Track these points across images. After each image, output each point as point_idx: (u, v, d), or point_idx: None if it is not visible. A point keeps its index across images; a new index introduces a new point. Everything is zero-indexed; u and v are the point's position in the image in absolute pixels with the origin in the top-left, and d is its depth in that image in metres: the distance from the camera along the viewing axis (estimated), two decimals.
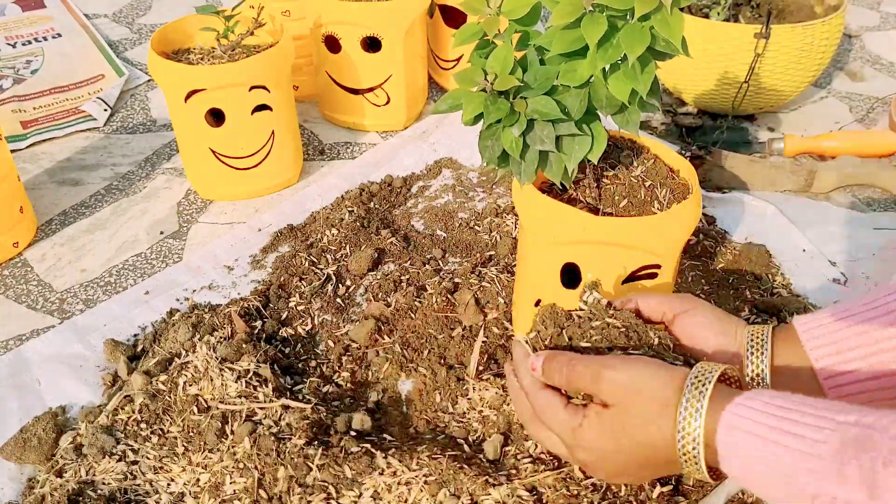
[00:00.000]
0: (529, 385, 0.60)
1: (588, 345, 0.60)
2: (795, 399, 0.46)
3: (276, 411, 0.78)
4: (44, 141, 1.27)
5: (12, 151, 1.23)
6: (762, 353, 0.59)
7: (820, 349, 0.57)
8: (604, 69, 0.63)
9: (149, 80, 1.44)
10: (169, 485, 0.73)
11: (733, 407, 0.48)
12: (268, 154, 1.11)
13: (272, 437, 0.75)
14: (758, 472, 0.46)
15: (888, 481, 0.39)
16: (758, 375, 0.59)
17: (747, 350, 0.60)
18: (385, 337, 0.89)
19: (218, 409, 0.78)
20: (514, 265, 0.98)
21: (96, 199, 1.15)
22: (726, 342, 0.61)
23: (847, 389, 0.56)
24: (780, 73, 1.18)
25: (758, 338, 0.60)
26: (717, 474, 0.52)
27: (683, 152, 1.10)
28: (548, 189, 0.76)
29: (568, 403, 0.57)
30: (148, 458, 0.75)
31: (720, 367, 0.52)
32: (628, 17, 0.60)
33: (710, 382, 0.51)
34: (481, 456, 0.76)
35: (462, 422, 0.80)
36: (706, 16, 1.24)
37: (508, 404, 0.79)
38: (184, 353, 0.85)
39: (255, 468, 0.73)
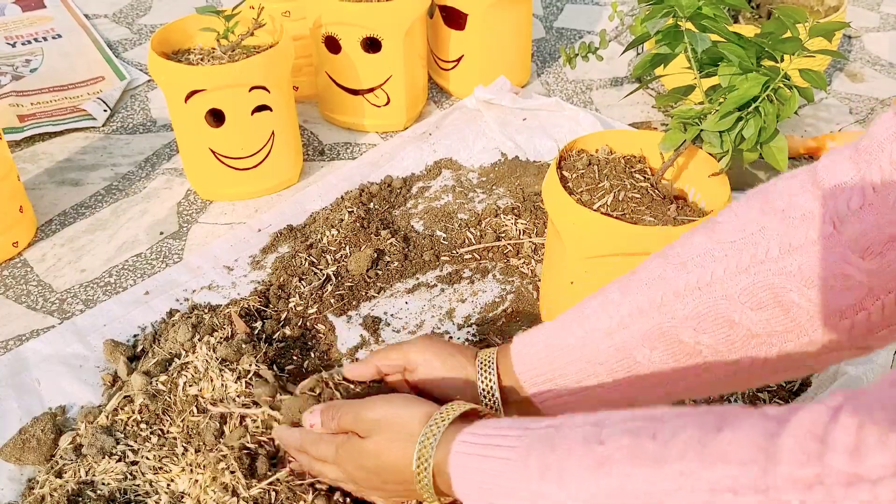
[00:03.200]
0: (303, 436, 0.68)
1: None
2: (508, 421, 0.53)
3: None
4: (41, 138, 1.27)
5: (9, 144, 1.22)
6: (489, 373, 0.67)
7: (532, 378, 0.65)
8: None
9: (149, 81, 1.44)
10: (169, 485, 0.73)
11: (462, 435, 0.55)
12: (268, 154, 1.11)
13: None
14: (473, 486, 0.53)
15: (560, 463, 0.46)
16: (489, 392, 0.67)
17: (478, 372, 0.68)
18: None
19: (217, 409, 0.78)
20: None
21: (96, 199, 1.16)
22: (460, 376, 0.68)
23: (556, 403, 0.64)
24: None
25: (486, 360, 0.68)
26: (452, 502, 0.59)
27: None
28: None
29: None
30: (148, 459, 0.75)
31: (466, 406, 0.60)
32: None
33: (450, 417, 0.58)
34: None
35: None
36: None
37: None
38: (183, 353, 0.85)
39: None
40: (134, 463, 0.75)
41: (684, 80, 0.77)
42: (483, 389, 0.67)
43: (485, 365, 0.68)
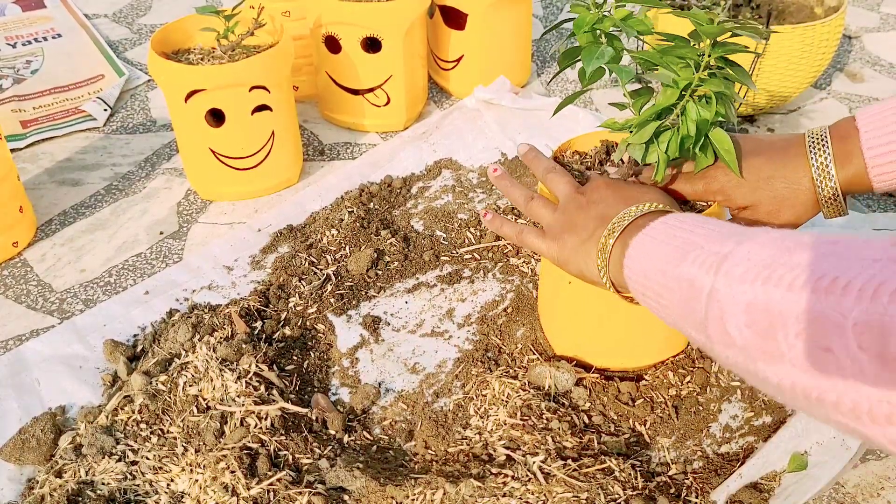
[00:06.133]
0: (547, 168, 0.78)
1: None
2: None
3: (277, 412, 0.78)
4: (43, 141, 1.27)
5: (12, 151, 1.23)
6: (824, 149, 0.68)
7: (876, 147, 0.65)
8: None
9: (149, 81, 1.44)
10: (169, 485, 0.73)
11: (662, 216, 0.60)
12: (268, 154, 1.11)
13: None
14: (653, 248, 0.56)
15: (754, 239, 0.48)
16: (824, 167, 0.68)
17: (808, 149, 0.69)
18: None
19: (217, 409, 0.78)
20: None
21: (96, 199, 1.16)
22: (795, 194, 0.70)
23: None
24: (779, 74, 1.18)
25: (816, 136, 0.68)
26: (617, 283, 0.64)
27: None
28: None
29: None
30: (147, 459, 0.75)
31: (668, 208, 0.65)
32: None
33: (651, 208, 0.64)
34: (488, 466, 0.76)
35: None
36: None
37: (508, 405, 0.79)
38: (183, 353, 0.85)
39: None
40: (134, 463, 0.75)
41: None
42: (817, 164, 0.68)
43: (816, 139, 0.68)
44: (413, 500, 0.70)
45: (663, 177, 0.71)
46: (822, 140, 0.68)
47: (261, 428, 0.77)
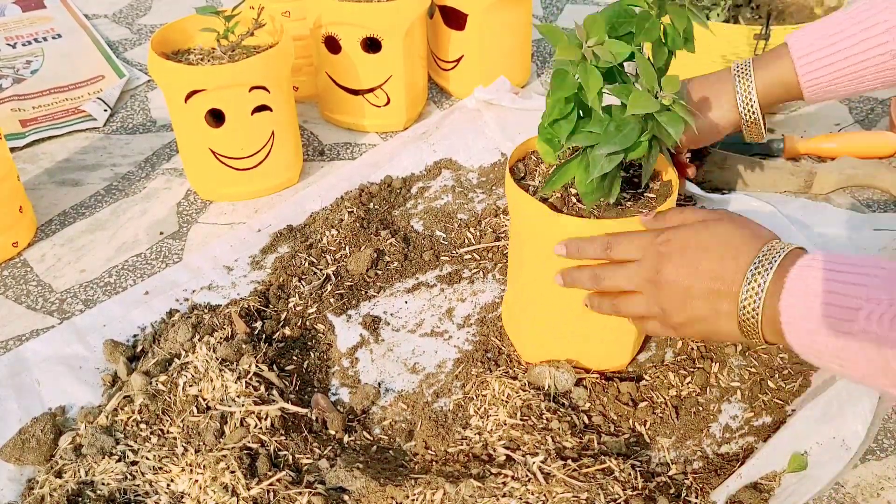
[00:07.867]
0: (612, 235, 0.68)
1: None
2: (855, 256, 0.56)
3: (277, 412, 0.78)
4: (42, 140, 1.27)
5: (11, 150, 1.23)
6: (747, 77, 0.81)
7: (810, 73, 0.79)
8: None
9: (149, 81, 1.44)
10: (169, 485, 0.73)
11: (807, 256, 0.58)
12: (268, 154, 1.11)
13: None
14: (816, 295, 0.54)
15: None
16: (747, 94, 0.82)
17: (734, 78, 0.83)
18: None
19: (217, 409, 0.78)
20: None
21: (96, 199, 1.16)
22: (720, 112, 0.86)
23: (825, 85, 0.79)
24: None
25: (741, 66, 0.82)
26: (768, 334, 0.60)
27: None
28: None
29: None
30: (147, 459, 0.75)
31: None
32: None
33: (786, 252, 0.59)
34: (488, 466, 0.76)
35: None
36: (706, 17, 1.24)
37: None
38: (183, 353, 0.85)
39: None
40: (134, 463, 0.75)
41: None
42: (741, 91, 0.81)
43: (741, 68, 0.82)
44: (413, 500, 0.70)
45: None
46: (746, 69, 0.80)
47: (261, 428, 0.77)
